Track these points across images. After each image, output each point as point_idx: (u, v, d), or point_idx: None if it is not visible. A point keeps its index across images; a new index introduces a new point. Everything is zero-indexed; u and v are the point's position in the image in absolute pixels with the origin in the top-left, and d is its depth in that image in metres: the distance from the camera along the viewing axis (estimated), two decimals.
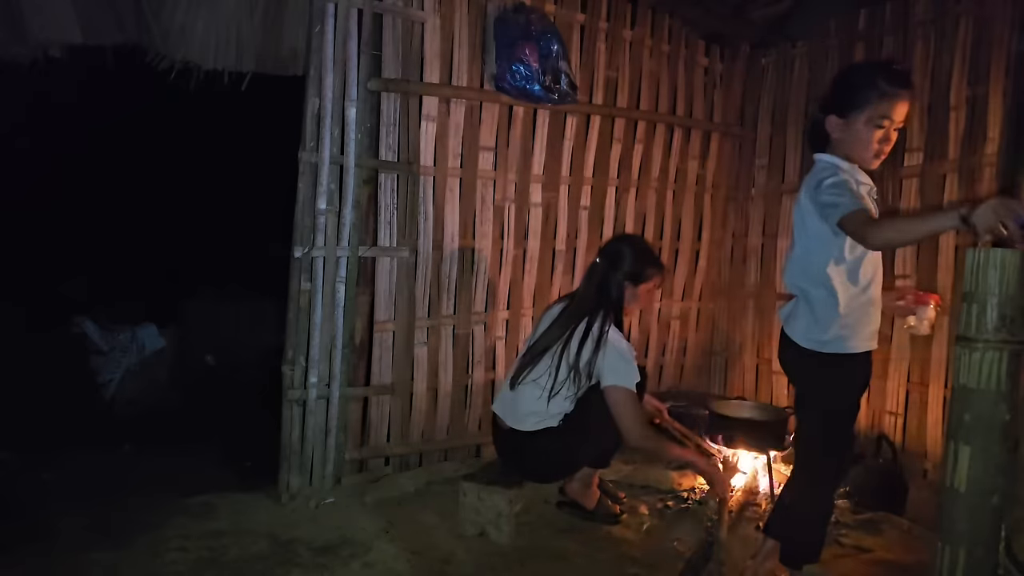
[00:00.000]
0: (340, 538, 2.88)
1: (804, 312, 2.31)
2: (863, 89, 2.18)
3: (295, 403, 3.28)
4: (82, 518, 2.95)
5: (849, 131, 2.21)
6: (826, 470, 2.40)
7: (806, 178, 2.28)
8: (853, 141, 2.22)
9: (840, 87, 2.27)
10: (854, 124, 2.20)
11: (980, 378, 1.52)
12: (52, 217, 5.80)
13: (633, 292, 2.99)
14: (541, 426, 2.90)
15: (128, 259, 6.02)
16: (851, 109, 2.20)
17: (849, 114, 2.20)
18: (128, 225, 6.16)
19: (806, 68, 4.34)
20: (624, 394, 2.84)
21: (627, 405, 2.84)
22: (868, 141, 2.20)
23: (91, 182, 5.87)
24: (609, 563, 2.79)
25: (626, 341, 2.93)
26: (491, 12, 3.60)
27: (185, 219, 6.27)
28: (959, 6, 3.51)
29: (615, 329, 2.92)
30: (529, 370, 2.94)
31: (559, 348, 2.89)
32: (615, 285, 2.96)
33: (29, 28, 2.88)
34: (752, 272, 4.64)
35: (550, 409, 2.89)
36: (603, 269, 2.98)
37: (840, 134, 2.24)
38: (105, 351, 4.88)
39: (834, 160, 2.24)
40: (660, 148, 4.36)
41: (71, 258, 5.82)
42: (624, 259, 2.97)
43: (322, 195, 3.23)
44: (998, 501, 1.54)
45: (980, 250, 1.53)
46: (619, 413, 2.83)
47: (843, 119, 2.22)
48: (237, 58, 3.23)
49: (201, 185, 6.20)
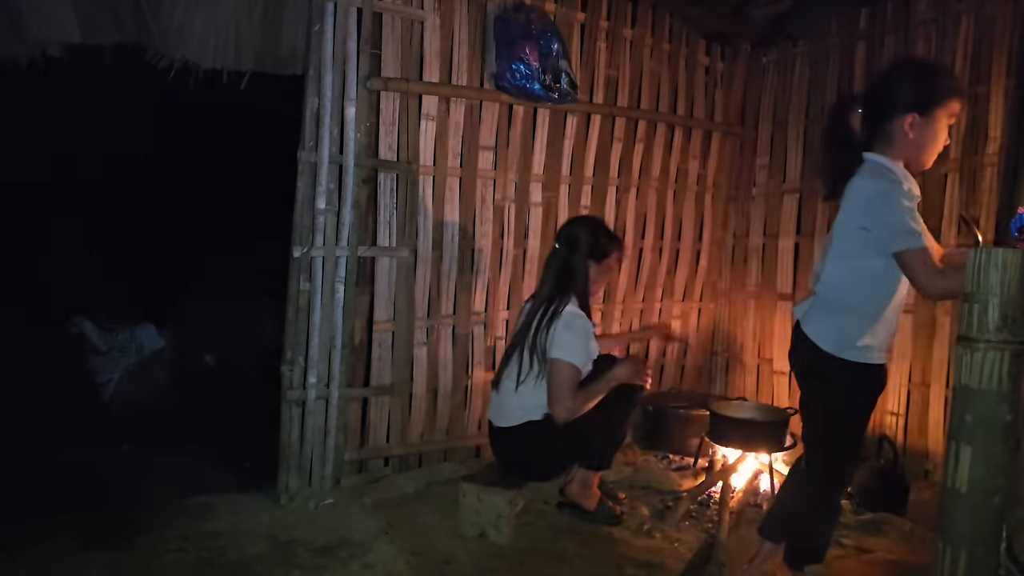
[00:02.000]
0: (339, 539, 2.87)
1: (830, 314, 2.26)
2: (941, 86, 2.15)
3: (294, 404, 3.27)
4: (82, 518, 2.95)
5: (927, 129, 2.14)
6: (831, 472, 2.37)
7: (860, 179, 2.17)
8: (927, 140, 2.15)
9: (918, 84, 2.17)
10: (935, 122, 2.14)
11: (981, 378, 1.51)
12: (51, 217, 5.79)
13: (597, 268, 3.02)
14: (523, 420, 2.93)
15: (126, 259, 6.00)
16: (933, 106, 2.13)
17: (930, 111, 2.13)
18: (127, 225, 6.15)
19: (807, 67, 4.33)
20: (562, 367, 2.83)
21: (562, 378, 2.83)
22: (942, 141, 2.18)
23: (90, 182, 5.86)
24: (609, 564, 2.78)
25: (584, 319, 2.93)
26: (491, 11, 3.60)
27: (184, 219, 6.25)
28: (960, 5, 3.50)
29: (573, 307, 2.92)
30: (505, 368, 3.01)
31: (526, 339, 2.94)
32: (577, 266, 2.98)
33: (27, 27, 2.87)
34: (753, 272, 4.63)
35: (525, 401, 2.91)
36: (562, 254, 3.02)
37: (915, 133, 2.14)
38: (104, 351, 4.88)
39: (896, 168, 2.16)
40: (661, 147, 4.35)
41: (70, 258, 5.81)
42: (580, 239, 3.00)
43: (321, 195, 3.22)
44: (999, 502, 1.53)
45: (981, 250, 1.52)
46: (552, 381, 2.84)
47: (924, 117, 2.13)
48: (236, 57, 3.22)
49: (200, 185, 6.19)
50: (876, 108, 2.21)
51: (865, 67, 3.96)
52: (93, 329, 4.90)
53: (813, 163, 4.14)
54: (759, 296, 4.58)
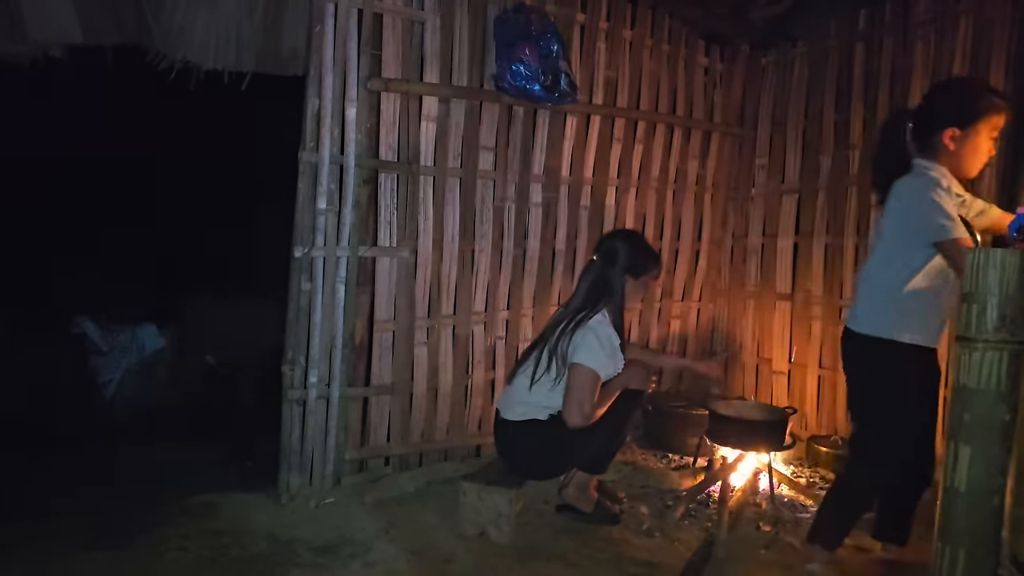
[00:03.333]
0: (340, 538, 2.88)
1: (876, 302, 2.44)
2: (980, 102, 2.34)
3: (295, 403, 3.28)
4: (82, 518, 2.96)
5: (967, 141, 2.35)
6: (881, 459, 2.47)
7: (905, 179, 2.39)
8: (968, 151, 2.36)
9: (959, 100, 2.39)
10: (976, 135, 2.34)
11: (980, 378, 1.52)
12: (52, 217, 5.79)
13: (634, 285, 3.01)
14: (527, 417, 2.93)
15: (128, 259, 6.01)
16: (972, 121, 2.33)
17: (970, 125, 2.33)
18: (127, 224, 6.16)
19: (806, 68, 4.33)
20: (584, 372, 2.82)
21: (583, 382, 2.82)
22: (984, 152, 2.37)
23: (91, 182, 5.86)
24: (609, 563, 2.78)
25: (610, 330, 2.92)
26: (491, 12, 3.60)
27: (185, 218, 6.26)
28: (959, 6, 3.50)
29: (602, 318, 2.92)
30: (522, 364, 3.02)
31: (548, 340, 2.95)
32: (615, 280, 2.97)
33: (29, 28, 2.88)
34: (752, 272, 4.64)
35: (535, 399, 2.91)
36: (599, 266, 3.01)
37: (957, 145, 2.35)
38: (105, 351, 4.88)
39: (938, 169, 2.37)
40: (660, 148, 4.36)
41: (71, 258, 5.81)
42: (620, 254, 2.99)
43: (322, 195, 3.23)
44: (998, 501, 1.54)
45: (980, 251, 1.53)
46: (572, 387, 2.82)
47: (964, 130, 2.34)
48: (237, 58, 3.23)
49: (200, 184, 6.19)
50: (922, 122, 2.44)
51: (864, 68, 3.97)
52: (95, 329, 4.91)
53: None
54: (758, 296, 4.59)
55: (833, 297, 4.10)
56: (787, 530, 3.10)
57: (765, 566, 2.82)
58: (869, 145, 3.92)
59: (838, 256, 4.08)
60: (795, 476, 3.72)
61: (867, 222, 3.92)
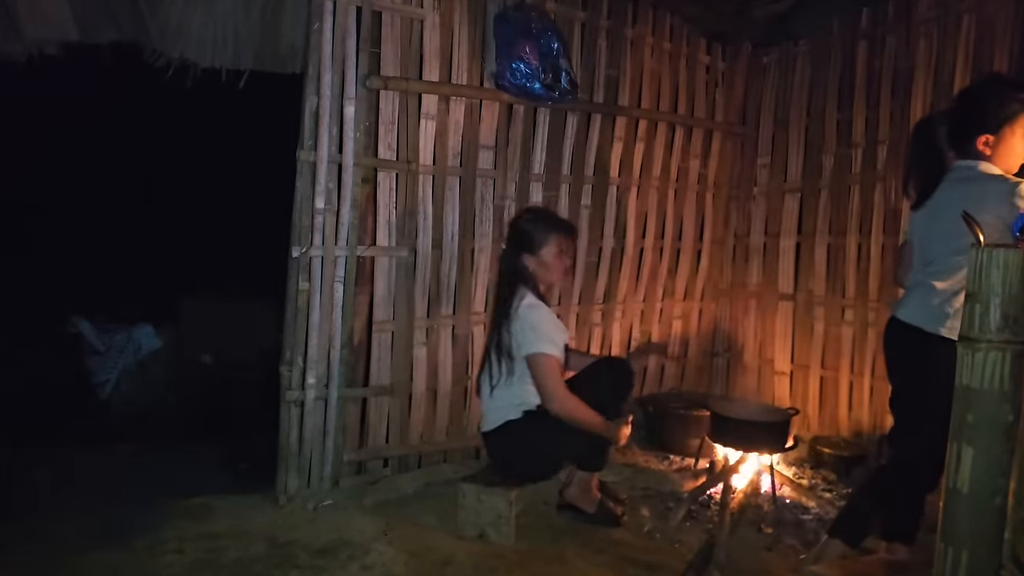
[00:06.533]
0: (338, 540, 2.86)
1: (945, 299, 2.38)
2: (1007, 106, 2.34)
3: (293, 404, 3.26)
4: (80, 519, 2.94)
5: (1001, 145, 2.36)
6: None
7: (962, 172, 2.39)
8: (1004, 154, 2.37)
9: (982, 109, 2.40)
10: (1010, 138, 2.35)
11: (983, 378, 1.50)
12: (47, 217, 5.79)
13: (536, 262, 2.99)
14: (502, 420, 2.94)
15: (124, 259, 6.00)
16: (1003, 125, 2.34)
17: (1001, 130, 2.35)
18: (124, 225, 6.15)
19: (808, 66, 4.32)
20: (539, 360, 2.83)
21: (542, 369, 2.83)
22: (1021, 151, 2.37)
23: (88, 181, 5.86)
24: (609, 565, 2.76)
25: (540, 306, 2.93)
26: (491, 10, 3.59)
27: (182, 218, 6.25)
28: (961, 4, 3.49)
29: (529, 300, 2.92)
30: (481, 373, 3.04)
31: (492, 340, 2.96)
32: (518, 263, 2.98)
33: (25, 26, 2.87)
34: (754, 272, 4.62)
35: (499, 403, 2.93)
36: (506, 253, 3.05)
37: (991, 150, 2.37)
38: (101, 351, 4.87)
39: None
40: (661, 147, 4.34)
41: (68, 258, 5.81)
42: (514, 236, 3.03)
43: (320, 194, 3.21)
44: (1001, 502, 1.52)
45: (983, 250, 1.51)
46: (536, 377, 2.84)
47: (996, 136, 2.36)
48: (235, 55, 3.23)
49: (198, 184, 6.19)
50: (957, 129, 2.47)
51: (866, 66, 3.96)
52: (91, 329, 4.90)
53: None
54: (760, 296, 4.57)
55: (835, 297, 4.09)
56: (789, 532, 3.08)
57: (767, 568, 2.80)
58: (871, 144, 3.92)
59: (840, 256, 4.06)
60: (797, 478, 3.70)
61: (870, 222, 3.91)
